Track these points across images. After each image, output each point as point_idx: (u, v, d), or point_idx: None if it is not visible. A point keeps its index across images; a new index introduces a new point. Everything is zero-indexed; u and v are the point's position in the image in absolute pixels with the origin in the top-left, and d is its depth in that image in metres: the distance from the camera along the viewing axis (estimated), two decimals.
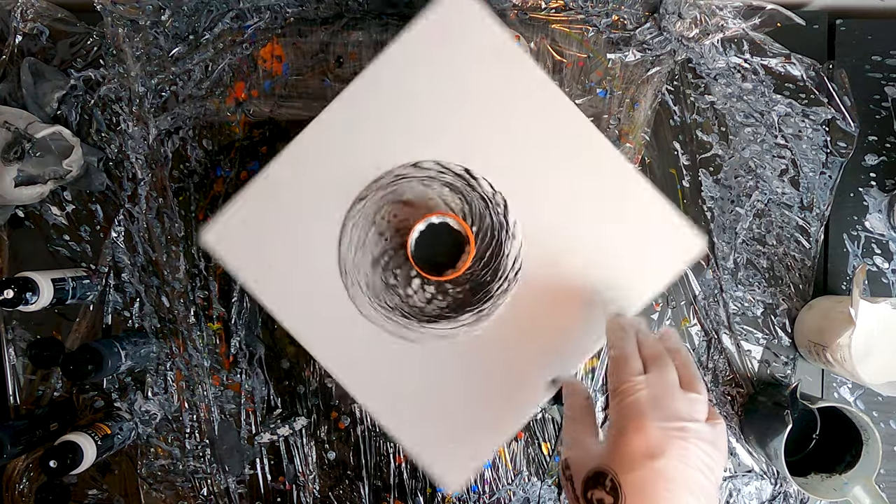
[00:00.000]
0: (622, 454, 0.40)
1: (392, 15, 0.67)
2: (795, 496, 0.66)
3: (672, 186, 0.67)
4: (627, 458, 0.39)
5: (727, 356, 0.67)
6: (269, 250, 0.53)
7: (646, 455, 0.39)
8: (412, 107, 0.52)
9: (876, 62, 0.67)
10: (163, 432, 0.67)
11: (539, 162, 0.53)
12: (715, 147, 0.67)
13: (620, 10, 0.66)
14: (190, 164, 0.67)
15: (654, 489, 0.38)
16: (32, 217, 0.67)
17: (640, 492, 0.38)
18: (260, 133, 0.67)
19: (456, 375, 0.53)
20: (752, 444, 0.65)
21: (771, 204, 0.67)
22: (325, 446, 0.67)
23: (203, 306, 0.67)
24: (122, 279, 0.67)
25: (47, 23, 0.66)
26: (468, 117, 0.52)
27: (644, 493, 0.38)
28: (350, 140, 0.53)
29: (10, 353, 0.67)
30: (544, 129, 0.52)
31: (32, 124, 0.61)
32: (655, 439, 0.39)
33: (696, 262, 0.53)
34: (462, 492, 0.66)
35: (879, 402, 0.66)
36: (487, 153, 0.53)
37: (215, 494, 0.67)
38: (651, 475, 0.38)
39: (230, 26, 0.66)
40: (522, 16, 0.67)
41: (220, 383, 0.67)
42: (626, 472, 0.39)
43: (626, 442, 0.40)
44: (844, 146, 0.66)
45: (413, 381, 0.53)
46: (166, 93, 0.67)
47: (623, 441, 0.40)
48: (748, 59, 0.66)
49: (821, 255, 0.67)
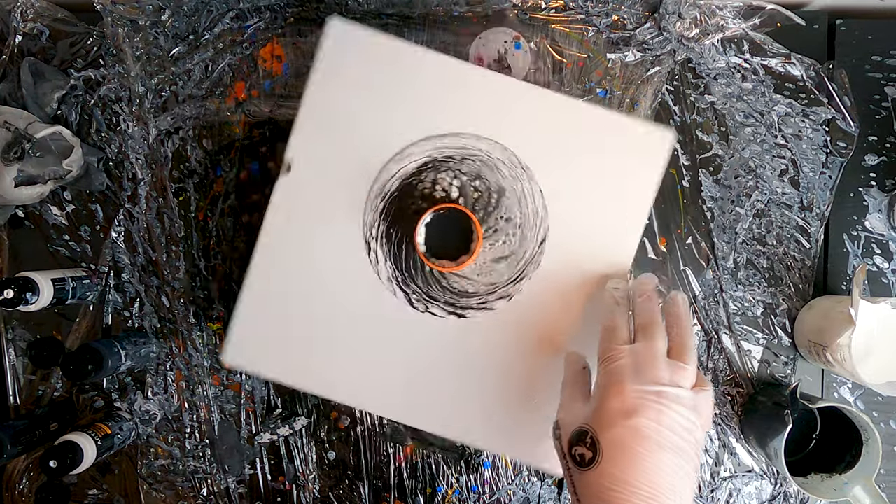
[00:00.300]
0: (601, 413, 0.43)
1: (392, 15, 0.67)
2: (795, 496, 0.66)
3: (672, 186, 0.67)
4: (606, 416, 0.43)
5: (727, 356, 0.67)
6: (288, 342, 0.55)
7: (621, 413, 0.42)
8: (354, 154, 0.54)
9: (876, 62, 0.67)
10: (163, 432, 0.67)
11: (489, 133, 0.54)
12: (715, 147, 0.67)
13: (620, 10, 0.66)
14: (190, 164, 0.67)
15: (628, 445, 0.42)
16: (32, 217, 0.67)
17: (615, 447, 0.42)
18: (260, 133, 0.67)
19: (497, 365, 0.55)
20: (752, 444, 0.65)
21: (771, 204, 0.67)
22: (325, 446, 0.67)
23: (203, 306, 0.67)
24: (122, 279, 0.67)
25: (47, 23, 0.66)
26: (407, 127, 0.54)
27: (619, 448, 0.42)
28: (317, 192, 0.54)
29: (10, 353, 0.67)
30: (480, 104, 0.54)
31: (32, 124, 0.61)
32: (631, 400, 0.43)
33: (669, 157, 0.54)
34: (462, 491, 0.67)
35: (879, 402, 0.66)
36: (442, 148, 0.54)
37: (215, 494, 0.67)
38: (626, 432, 0.42)
39: (230, 26, 0.66)
40: (522, 16, 0.67)
41: (220, 383, 0.67)
42: (605, 429, 0.43)
43: (605, 402, 0.44)
44: (844, 146, 0.66)
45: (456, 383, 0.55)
46: (166, 93, 0.67)
47: (603, 402, 0.44)
48: (748, 59, 0.66)
49: (821, 255, 0.67)
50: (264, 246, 0.55)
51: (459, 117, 0.54)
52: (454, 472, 0.66)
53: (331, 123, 0.54)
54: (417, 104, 0.54)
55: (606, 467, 0.42)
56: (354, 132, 0.54)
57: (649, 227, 0.66)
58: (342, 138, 0.54)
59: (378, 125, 0.54)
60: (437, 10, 0.66)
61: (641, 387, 0.43)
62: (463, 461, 0.66)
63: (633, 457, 0.41)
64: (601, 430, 0.43)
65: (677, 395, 0.43)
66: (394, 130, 0.54)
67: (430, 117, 0.54)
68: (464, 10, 0.66)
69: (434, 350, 0.55)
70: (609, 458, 0.42)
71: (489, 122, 0.54)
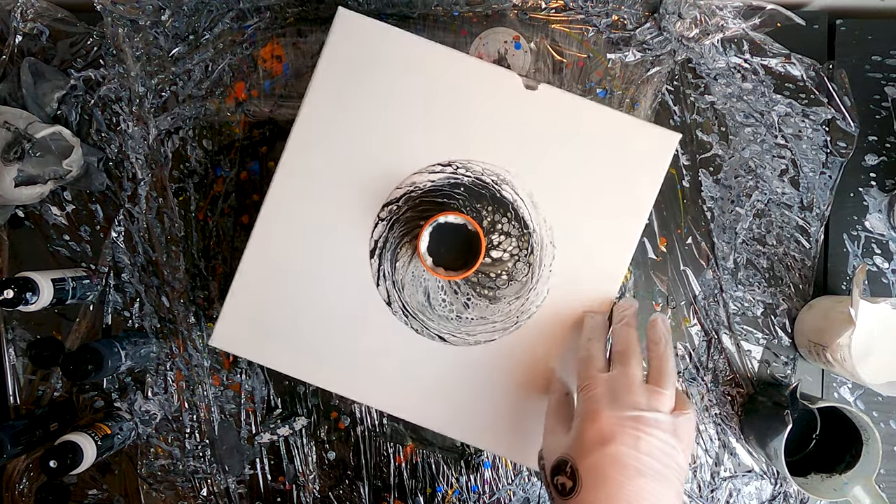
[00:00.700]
0: (579, 442, 0.43)
1: (392, 15, 0.67)
2: (795, 496, 0.66)
3: (672, 186, 0.67)
4: (583, 445, 0.43)
5: (727, 356, 0.67)
6: (277, 328, 0.55)
7: (598, 441, 0.42)
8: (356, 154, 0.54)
9: (876, 62, 0.67)
10: (163, 432, 0.67)
11: (497, 133, 0.54)
12: (715, 147, 0.67)
13: (620, 10, 0.66)
14: (190, 164, 0.67)
15: (607, 473, 0.41)
16: (32, 217, 0.67)
17: (594, 475, 0.42)
18: (260, 133, 0.67)
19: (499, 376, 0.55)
20: (752, 444, 0.65)
21: (771, 204, 0.67)
22: (325, 446, 0.67)
23: (203, 306, 0.67)
24: (122, 279, 0.67)
25: (47, 23, 0.66)
26: (413, 122, 0.54)
27: (598, 477, 0.41)
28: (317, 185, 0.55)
29: (10, 353, 0.67)
30: (488, 103, 0.54)
31: (32, 124, 0.61)
32: (608, 427, 0.42)
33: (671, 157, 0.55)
34: (462, 491, 0.67)
35: (879, 402, 0.66)
36: (451, 147, 0.54)
37: (215, 494, 0.67)
38: (604, 460, 0.42)
39: (230, 26, 0.66)
40: (522, 16, 0.67)
41: (220, 383, 0.67)
42: (583, 458, 0.42)
43: (583, 431, 0.44)
44: (844, 146, 0.66)
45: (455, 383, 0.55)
46: (166, 93, 0.67)
47: (581, 430, 0.44)
48: (748, 59, 0.66)
49: (821, 255, 0.67)
50: (260, 231, 0.54)
51: (465, 112, 0.54)
52: (454, 472, 0.66)
53: (335, 117, 0.54)
54: (424, 100, 0.54)
55: (586, 496, 0.41)
56: (359, 125, 0.54)
57: (649, 227, 0.66)
58: (346, 131, 0.54)
59: (382, 120, 0.54)
60: (437, 10, 0.66)
61: (618, 413, 0.43)
62: (463, 461, 0.66)
63: (613, 485, 0.41)
64: (580, 458, 0.43)
65: (655, 420, 0.43)
66: (399, 127, 0.54)
67: (436, 114, 0.54)
68: (464, 10, 0.66)
69: (426, 346, 0.55)
70: (588, 486, 0.41)
71: (495, 117, 0.54)
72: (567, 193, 0.54)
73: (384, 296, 0.54)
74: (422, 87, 0.53)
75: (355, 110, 0.54)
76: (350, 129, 0.54)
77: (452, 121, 0.54)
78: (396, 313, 0.55)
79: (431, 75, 0.53)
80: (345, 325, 0.55)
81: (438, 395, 0.55)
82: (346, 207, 0.54)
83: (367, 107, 0.54)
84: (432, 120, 0.54)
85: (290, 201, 0.54)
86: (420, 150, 0.54)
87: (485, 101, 0.54)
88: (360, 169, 0.54)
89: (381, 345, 0.55)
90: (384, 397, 0.55)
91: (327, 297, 0.55)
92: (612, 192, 0.54)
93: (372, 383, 0.55)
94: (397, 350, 0.55)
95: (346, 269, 0.54)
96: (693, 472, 0.66)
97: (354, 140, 0.54)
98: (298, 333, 0.55)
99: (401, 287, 0.54)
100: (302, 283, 0.55)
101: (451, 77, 0.53)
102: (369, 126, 0.54)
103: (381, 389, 0.55)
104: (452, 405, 0.55)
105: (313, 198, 0.54)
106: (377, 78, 0.53)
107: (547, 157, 0.54)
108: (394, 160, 0.54)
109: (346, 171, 0.54)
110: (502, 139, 0.54)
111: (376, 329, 0.55)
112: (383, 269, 0.54)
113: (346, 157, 0.54)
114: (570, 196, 0.54)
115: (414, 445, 0.66)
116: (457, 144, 0.54)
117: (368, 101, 0.54)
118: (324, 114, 0.54)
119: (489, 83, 0.54)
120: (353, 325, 0.55)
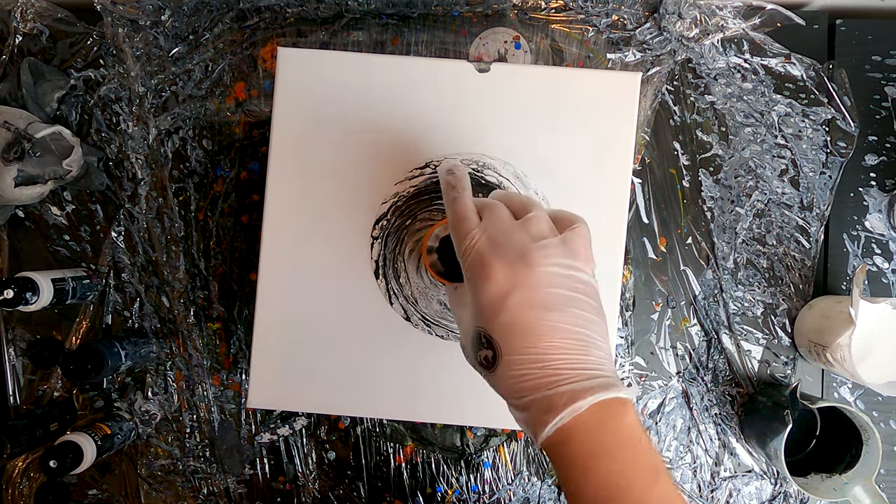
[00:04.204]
0: (480, 308, 0.40)
1: (392, 15, 0.67)
2: (795, 496, 0.66)
3: (672, 186, 0.67)
4: (486, 309, 0.39)
5: (727, 356, 0.67)
6: (308, 372, 0.55)
7: (497, 298, 0.39)
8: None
9: (876, 62, 0.67)
10: (163, 432, 0.67)
11: (465, 123, 0.54)
12: (715, 147, 0.67)
13: (620, 10, 0.66)
14: (190, 164, 0.67)
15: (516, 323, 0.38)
16: (32, 217, 0.67)
17: (507, 334, 0.38)
18: (260, 133, 0.67)
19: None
20: (752, 444, 0.65)
21: (771, 204, 0.67)
22: (325, 446, 0.67)
23: (203, 306, 0.67)
24: (122, 279, 0.67)
25: (47, 23, 0.66)
26: (381, 136, 0.54)
27: (511, 332, 0.38)
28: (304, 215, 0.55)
29: (10, 353, 0.67)
30: (448, 96, 0.54)
31: (32, 124, 0.61)
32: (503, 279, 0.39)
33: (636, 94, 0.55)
34: (462, 491, 0.66)
35: (879, 402, 0.66)
36: (424, 149, 0.54)
37: (215, 494, 0.67)
38: (509, 315, 0.38)
39: (230, 26, 0.67)
40: (522, 16, 0.67)
41: (220, 383, 0.67)
42: (491, 321, 0.39)
43: (479, 295, 0.40)
44: (844, 146, 0.66)
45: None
46: (166, 93, 0.67)
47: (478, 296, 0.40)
48: (748, 59, 0.66)
49: (821, 255, 0.67)
50: (264, 285, 0.55)
51: (428, 112, 0.54)
52: (454, 472, 0.66)
53: (304, 158, 0.54)
54: (386, 111, 0.54)
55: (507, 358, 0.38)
56: (329, 156, 0.54)
57: (649, 227, 0.66)
58: (317, 165, 0.54)
59: (351, 144, 0.54)
60: (437, 10, 0.66)
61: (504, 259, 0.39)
62: (463, 461, 0.66)
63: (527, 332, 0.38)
64: (489, 323, 0.39)
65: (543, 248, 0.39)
66: (369, 145, 0.54)
67: (401, 121, 0.54)
68: (464, 10, 0.66)
69: (455, 348, 0.55)
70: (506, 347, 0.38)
71: (458, 108, 0.54)
72: (551, 161, 0.54)
73: (401, 312, 0.54)
74: (379, 99, 0.54)
75: (321, 144, 0.54)
76: (321, 162, 0.54)
77: (419, 123, 0.54)
78: (417, 325, 0.55)
79: (386, 86, 0.54)
80: (371, 351, 0.54)
81: (472, 390, 0.55)
82: (340, 238, 0.54)
83: (332, 137, 0.54)
84: (399, 128, 0.54)
85: (284, 247, 0.54)
86: (394, 160, 0.54)
87: (444, 96, 0.54)
88: (342, 198, 0.54)
89: (411, 360, 0.55)
90: (429, 408, 0.55)
91: (346, 329, 0.54)
92: (592, 145, 0.54)
93: (414, 398, 0.55)
94: (429, 360, 0.55)
95: (358, 297, 0.54)
96: (693, 472, 0.66)
97: (329, 170, 0.54)
98: (331, 372, 0.55)
99: (414, 301, 0.54)
100: (319, 324, 0.54)
101: (405, 82, 0.54)
102: (340, 154, 0.54)
103: (424, 401, 0.55)
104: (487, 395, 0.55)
105: (306, 240, 0.54)
106: (335, 105, 0.54)
107: (520, 131, 0.54)
108: (372, 178, 0.54)
109: (329, 204, 0.54)
110: (472, 127, 0.54)
111: (403, 346, 0.55)
112: (392, 287, 0.54)
113: (326, 192, 0.54)
114: (554, 162, 0.54)
115: (414, 445, 0.66)
116: (429, 145, 0.54)
117: (332, 131, 0.54)
118: (292, 160, 0.54)
119: (443, 78, 0.54)
120: (378, 349, 0.55)
